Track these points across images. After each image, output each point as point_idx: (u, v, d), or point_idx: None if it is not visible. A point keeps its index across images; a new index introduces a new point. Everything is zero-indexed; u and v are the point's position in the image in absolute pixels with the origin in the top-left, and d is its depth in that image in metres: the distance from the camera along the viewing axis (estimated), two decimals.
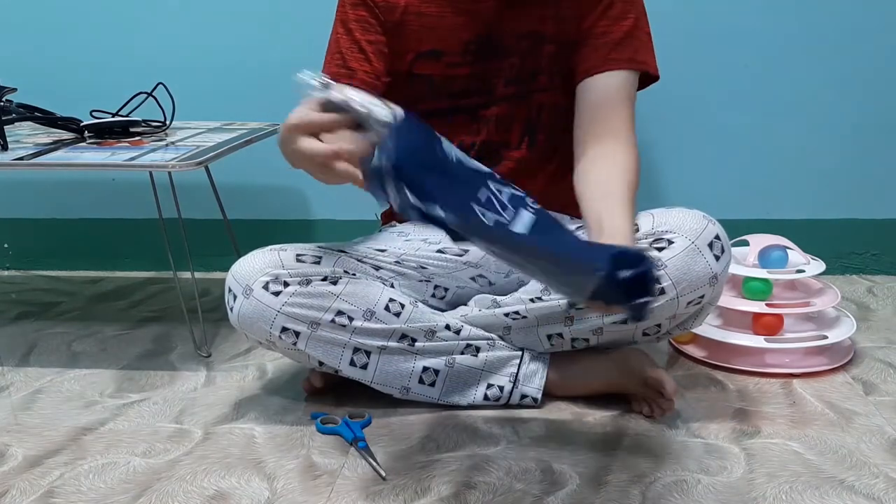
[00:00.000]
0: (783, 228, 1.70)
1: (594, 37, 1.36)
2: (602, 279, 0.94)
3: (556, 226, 1.07)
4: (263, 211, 2.09)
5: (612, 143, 1.32)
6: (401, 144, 0.99)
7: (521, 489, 1.16)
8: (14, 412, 1.43)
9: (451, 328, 1.36)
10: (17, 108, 1.66)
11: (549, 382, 1.39)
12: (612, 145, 1.32)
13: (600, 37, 1.36)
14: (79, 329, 1.79)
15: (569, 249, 1.02)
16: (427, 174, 1.00)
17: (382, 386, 1.36)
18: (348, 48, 1.38)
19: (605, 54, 1.35)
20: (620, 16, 1.35)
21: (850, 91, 1.94)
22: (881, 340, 1.65)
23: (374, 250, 1.41)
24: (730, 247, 1.31)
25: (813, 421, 1.34)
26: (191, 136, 1.70)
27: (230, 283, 1.33)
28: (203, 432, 1.35)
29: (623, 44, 1.35)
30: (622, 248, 1.02)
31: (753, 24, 1.93)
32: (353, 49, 1.38)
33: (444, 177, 1.02)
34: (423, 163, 1.01)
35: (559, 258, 1.01)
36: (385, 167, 0.97)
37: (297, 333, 1.31)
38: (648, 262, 0.96)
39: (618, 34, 1.35)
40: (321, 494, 1.17)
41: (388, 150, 0.98)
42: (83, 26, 2.03)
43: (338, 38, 1.40)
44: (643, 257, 0.96)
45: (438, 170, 1.02)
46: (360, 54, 1.38)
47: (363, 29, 1.38)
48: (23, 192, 2.15)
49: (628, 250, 0.99)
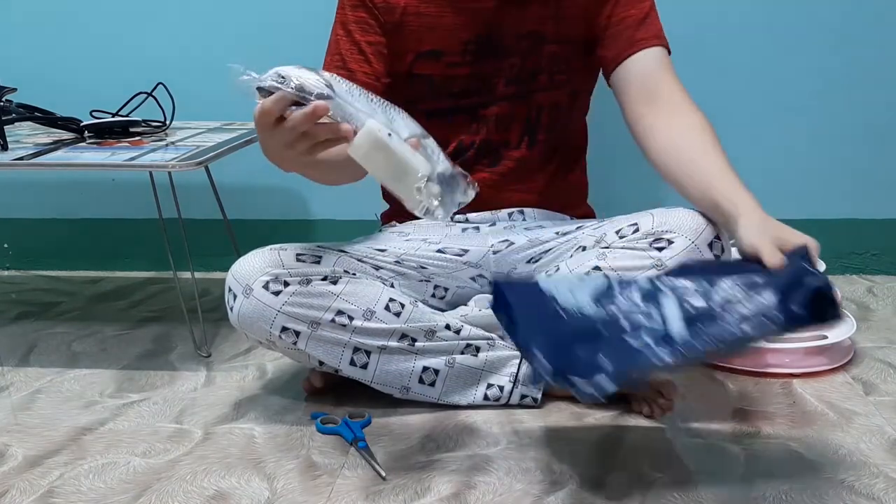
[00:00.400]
0: None
1: (612, 26, 1.37)
2: (801, 321, 1.00)
3: (702, 281, 1.05)
4: (263, 211, 2.09)
5: (672, 109, 1.33)
6: (542, 346, 1.01)
7: (521, 489, 1.16)
8: (14, 412, 1.43)
9: (451, 328, 1.36)
10: (17, 108, 1.66)
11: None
12: (673, 110, 1.32)
13: (619, 24, 1.37)
14: (79, 329, 1.79)
15: (749, 308, 1.02)
16: (577, 352, 1.00)
17: (382, 386, 1.36)
18: (348, 49, 1.39)
19: (630, 36, 1.36)
20: (635, 1, 1.37)
21: (851, 91, 1.94)
22: (881, 340, 1.65)
23: (374, 250, 1.41)
24: (730, 247, 1.31)
25: (813, 421, 1.34)
26: (191, 136, 1.71)
27: (230, 282, 1.33)
28: (203, 432, 1.35)
29: (645, 23, 1.37)
30: (804, 287, 1.02)
31: (753, 24, 1.93)
32: (353, 51, 1.39)
33: (588, 339, 1.02)
34: (566, 348, 1.01)
35: (748, 324, 1.00)
36: (544, 374, 1.00)
37: (297, 333, 1.31)
38: (825, 283, 1.01)
39: (639, 16, 1.37)
40: (321, 494, 1.16)
41: (539, 364, 1.00)
42: (83, 26, 2.03)
43: (337, 39, 1.40)
44: (821, 285, 1.01)
45: (580, 337, 1.02)
46: (360, 56, 1.38)
47: (363, 30, 1.39)
48: (23, 192, 2.14)
49: (810, 288, 1.01)
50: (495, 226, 1.48)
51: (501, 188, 1.47)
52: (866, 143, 1.97)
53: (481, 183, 1.45)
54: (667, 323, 1.01)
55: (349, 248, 1.40)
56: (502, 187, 1.47)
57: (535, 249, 1.43)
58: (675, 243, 1.27)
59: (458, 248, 1.44)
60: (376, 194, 1.58)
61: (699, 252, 1.27)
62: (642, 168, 1.34)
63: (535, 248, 1.43)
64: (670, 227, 1.28)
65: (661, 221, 1.29)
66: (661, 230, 1.28)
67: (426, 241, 1.45)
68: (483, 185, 1.45)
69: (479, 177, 1.44)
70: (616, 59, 1.37)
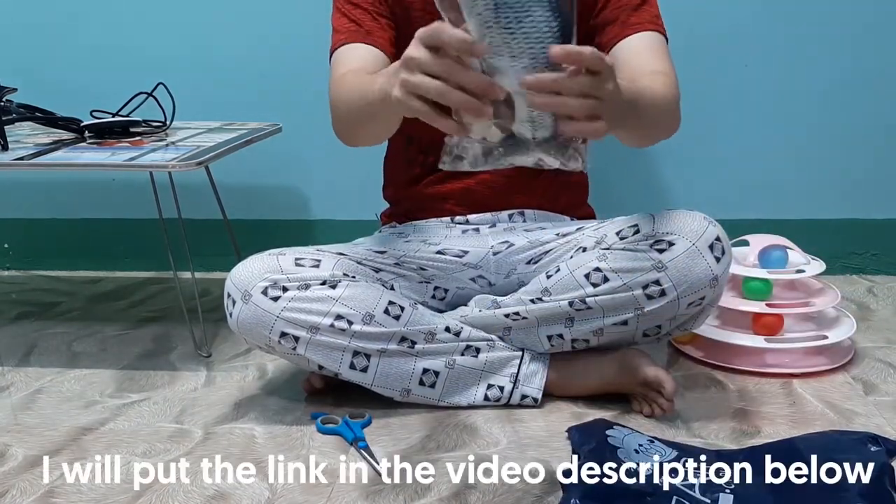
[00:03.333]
0: (783, 228, 1.69)
1: (608, 10, 1.36)
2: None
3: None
4: (263, 211, 2.09)
5: (651, 74, 1.29)
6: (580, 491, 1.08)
7: (521, 489, 1.16)
8: (14, 412, 1.43)
9: (450, 330, 1.36)
10: (17, 108, 1.66)
11: (550, 382, 1.39)
12: (651, 75, 1.29)
13: (616, 9, 1.36)
14: (79, 329, 1.79)
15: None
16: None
17: (383, 389, 1.36)
18: (360, 17, 1.37)
19: (624, 20, 1.35)
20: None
21: (851, 91, 1.94)
22: (881, 340, 1.65)
23: (374, 252, 1.41)
24: (730, 248, 1.31)
25: (813, 421, 1.34)
26: (191, 136, 1.70)
27: (229, 288, 1.33)
28: (203, 432, 1.35)
29: (641, 9, 1.36)
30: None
31: (753, 24, 1.93)
32: (366, 17, 1.37)
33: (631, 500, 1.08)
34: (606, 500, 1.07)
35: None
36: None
37: (296, 338, 1.31)
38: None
39: (635, 1, 1.36)
40: (321, 494, 1.17)
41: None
42: (83, 26, 2.03)
43: (345, 12, 1.38)
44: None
45: (624, 496, 1.08)
46: (374, 23, 1.37)
47: (372, 6, 1.37)
48: (23, 192, 2.14)
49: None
50: (495, 227, 1.48)
51: (502, 190, 1.46)
52: (866, 143, 1.97)
53: (482, 184, 1.46)
54: None
55: (348, 251, 1.40)
56: (503, 189, 1.46)
57: (535, 250, 1.43)
58: (675, 245, 1.27)
59: (458, 250, 1.44)
60: (376, 194, 1.58)
61: (700, 254, 1.27)
62: (643, 169, 1.34)
63: (535, 250, 1.43)
64: (671, 229, 1.28)
65: (662, 223, 1.29)
66: (661, 232, 1.28)
67: (426, 242, 1.45)
68: (484, 187, 1.46)
69: (481, 177, 1.44)
70: (609, 44, 1.36)
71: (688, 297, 1.28)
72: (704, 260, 1.27)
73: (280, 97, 1.95)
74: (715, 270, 1.28)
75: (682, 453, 1.17)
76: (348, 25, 1.37)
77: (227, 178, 1.90)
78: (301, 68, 1.53)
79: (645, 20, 1.36)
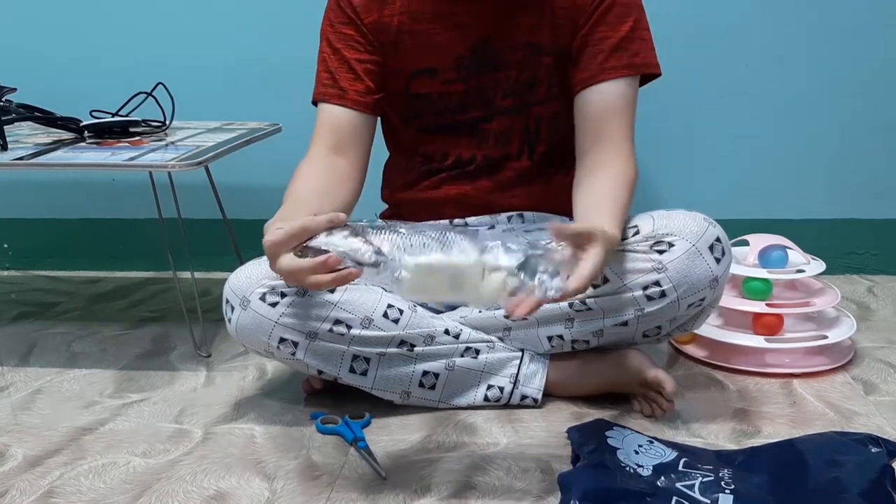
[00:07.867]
0: (783, 228, 1.69)
1: (591, 44, 1.32)
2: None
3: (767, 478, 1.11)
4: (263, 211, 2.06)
5: (609, 155, 1.30)
6: (581, 490, 1.07)
7: (521, 489, 1.16)
8: (14, 412, 1.43)
9: (450, 332, 1.36)
10: (17, 108, 1.66)
11: (549, 383, 1.39)
12: (609, 156, 1.30)
13: (597, 43, 1.32)
14: (78, 329, 1.79)
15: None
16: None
17: (383, 392, 1.36)
18: (337, 67, 1.36)
19: (601, 62, 1.32)
20: (619, 20, 1.32)
21: (851, 91, 1.94)
22: (881, 340, 1.65)
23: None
24: (730, 249, 1.31)
25: (813, 421, 1.34)
26: (191, 136, 1.70)
27: (228, 294, 1.32)
28: (203, 432, 1.35)
29: (620, 49, 1.32)
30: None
31: (753, 23, 1.93)
32: (342, 69, 1.36)
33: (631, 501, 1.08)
34: (606, 500, 1.07)
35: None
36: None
37: (295, 343, 1.30)
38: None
39: (615, 39, 1.32)
40: (321, 494, 1.17)
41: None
42: (83, 26, 2.03)
43: (325, 57, 1.38)
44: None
45: (624, 496, 1.08)
46: (350, 73, 1.36)
47: (351, 48, 1.36)
48: (23, 192, 2.15)
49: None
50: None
51: (501, 195, 1.45)
52: (866, 143, 1.97)
53: (482, 190, 1.45)
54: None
55: None
56: (502, 194, 1.45)
57: None
58: (675, 246, 1.27)
59: None
60: (375, 195, 1.58)
61: (700, 255, 1.26)
62: (642, 169, 1.33)
63: None
64: (671, 230, 1.28)
65: (662, 224, 1.29)
66: (661, 233, 1.28)
67: None
68: (483, 193, 1.45)
69: (480, 185, 1.43)
70: (582, 83, 1.33)
71: (688, 298, 1.28)
72: (704, 261, 1.27)
73: (280, 97, 1.95)
74: (715, 271, 1.28)
75: (682, 454, 1.17)
76: (325, 77, 1.37)
77: (226, 178, 1.90)
78: (301, 68, 1.52)
79: (622, 64, 1.32)
